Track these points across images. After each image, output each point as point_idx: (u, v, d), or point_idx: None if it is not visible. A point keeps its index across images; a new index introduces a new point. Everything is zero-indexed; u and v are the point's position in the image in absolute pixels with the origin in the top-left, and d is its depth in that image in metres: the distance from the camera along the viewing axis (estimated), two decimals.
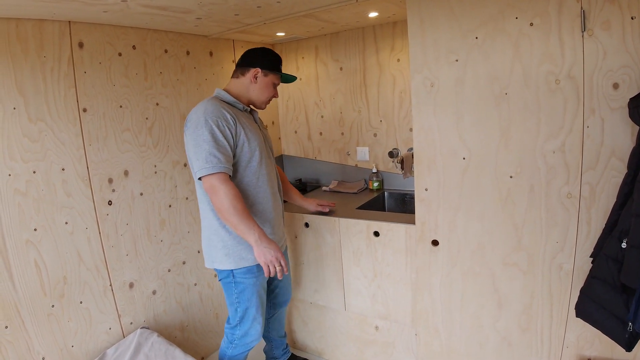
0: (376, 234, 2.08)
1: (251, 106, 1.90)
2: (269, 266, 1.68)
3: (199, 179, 1.65)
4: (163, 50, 2.22)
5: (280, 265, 1.70)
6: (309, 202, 2.28)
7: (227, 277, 1.83)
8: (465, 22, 1.60)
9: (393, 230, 2.02)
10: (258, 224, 1.71)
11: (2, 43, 1.63)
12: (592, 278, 1.40)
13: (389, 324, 2.17)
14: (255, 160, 1.77)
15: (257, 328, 1.89)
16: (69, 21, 1.82)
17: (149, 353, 1.95)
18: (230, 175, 1.66)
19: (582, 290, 1.46)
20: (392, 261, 2.07)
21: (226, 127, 1.65)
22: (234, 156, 1.71)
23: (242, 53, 1.90)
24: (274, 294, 2.14)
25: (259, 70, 1.81)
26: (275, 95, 1.91)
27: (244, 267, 1.79)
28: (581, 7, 1.39)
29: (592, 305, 1.40)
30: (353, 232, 2.15)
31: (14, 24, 1.66)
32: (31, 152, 1.73)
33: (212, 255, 1.82)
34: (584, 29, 1.40)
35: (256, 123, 1.88)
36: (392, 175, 2.71)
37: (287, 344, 2.36)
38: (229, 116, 1.68)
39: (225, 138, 1.65)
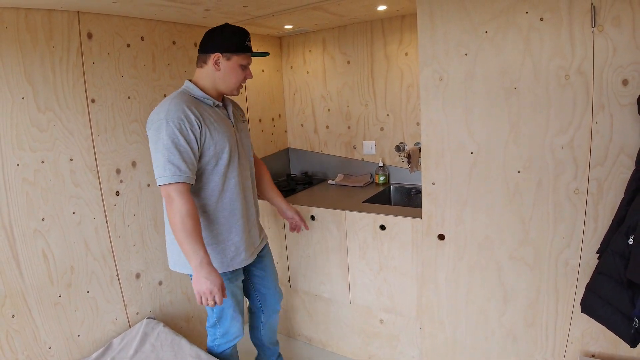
0: (382, 227, 2.09)
1: (225, 96, 1.77)
2: (201, 296, 1.54)
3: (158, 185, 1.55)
4: (171, 41, 2.22)
5: (214, 300, 1.54)
6: (289, 209, 2.11)
7: None
8: (476, 15, 1.60)
9: (399, 224, 2.03)
10: (217, 237, 1.67)
11: (11, 33, 1.63)
12: (598, 274, 1.41)
13: (394, 317, 2.19)
14: (222, 164, 1.64)
15: (238, 326, 1.84)
16: (78, 11, 1.82)
17: (155, 343, 1.96)
18: (191, 185, 1.55)
19: (587, 286, 1.46)
20: (397, 255, 2.08)
21: (189, 131, 1.52)
22: (200, 159, 1.59)
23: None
24: (262, 298, 2.04)
25: (219, 55, 1.62)
26: (247, 76, 1.71)
27: None
28: (592, 3, 1.38)
29: (597, 301, 1.40)
30: (359, 225, 2.15)
31: (23, 13, 1.65)
32: (40, 142, 1.74)
33: (174, 258, 1.76)
34: (594, 24, 1.40)
35: (229, 119, 1.74)
36: (399, 169, 2.72)
37: (279, 353, 2.24)
38: (193, 117, 1.53)
39: (188, 143, 1.52)
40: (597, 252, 1.48)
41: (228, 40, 1.62)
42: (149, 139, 1.57)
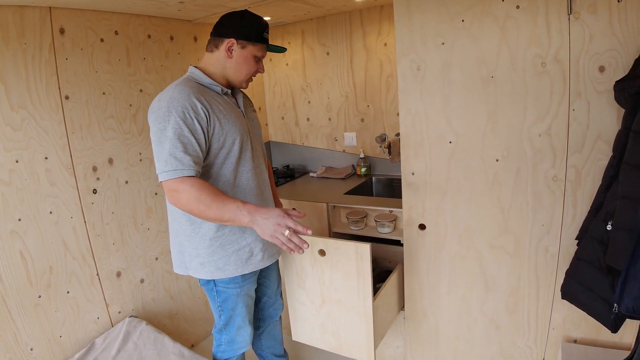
0: (322, 252, 1.74)
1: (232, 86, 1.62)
2: (279, 239, 1.32)
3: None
4: (146, 35, 2.18)
5: (293, 231, 1.32)
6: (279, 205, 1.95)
7: (207, 284, 1.62)
8: (452, 4, 1.58)
9: (340, 248, 1.68)
10: (230, 236, 1.52)
11: None
12: (578, 260, 1.42)
13: None
14: (233, 156, 1.49)
15: (245, 336, 1.71)
16: (50, 7, 1.77)
17: (138, 341, 1.95)
18: (196, 177, 1.38)
19: (567, 272, 1.47)
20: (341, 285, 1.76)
21: (195, 120, 1.36)
22: (209, 152, 1.44)
23: None
24: (260, 305, 1.90)
25: (234, 41, 1.48)
26: (259, 70, 1.59)
27: (225, 278, 1.57)
28: None
29: (577, 287, 1.41)
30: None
31: None
32: (14, 141, 1.70)
33: (184, 262, 1.58)
34: (570, 11, 1.39)
35: (239, 108, 1.59)
36: (380, 160, 2.71)
37: None
38: (199, 105, 1.38)
39: (193, 133, 1.36)
40: (576, 239, 1.49)
41: (246, 27, 1.48)
42: (150, 129, 1.41)
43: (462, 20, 1.58)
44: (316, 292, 1.80)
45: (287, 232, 1.32)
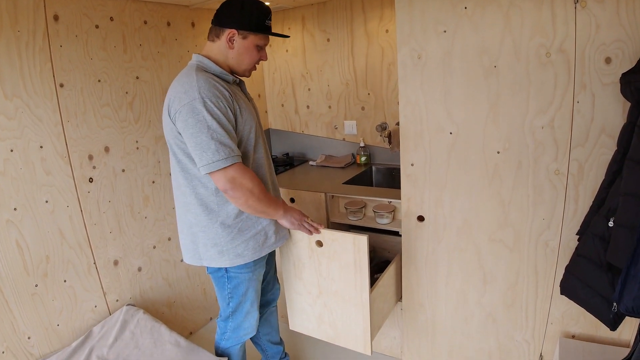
0: (319, 243, 1.73)
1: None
2: (304, 227, 1.63)
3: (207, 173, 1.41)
4: (142, 21, 2.13)
5: (309, 222, 1.64)
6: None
7: (218, 271, 1.63)
8: None
9: (338, 240, 1.67)
10: (247, 220, 1.57)
11: None
12: (578, 256, 1.40)
13: None
14: (250, 144, 1.52)
15: (252, 322, 1.73)
16: None
17: (135, 330, 1.95)
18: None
19: (567, 268, 1.45)
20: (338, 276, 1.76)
21: (228, 108, 1.38)
22: None
23: None
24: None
25: (235, 31, 1.47)
26: (262, 58, 1.58)
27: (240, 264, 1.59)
28: None
29: (577, 284, 1.39)
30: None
31: None
32: (8, 130, 1.68)
33: (199, 253, 1.58)
34: (576, 0, 1.35)
35: (246, 96, 1.61)
36: (380, 149, 2.68)
37: (285, 353, 2.10)
38: (227, 94, 1.40)
39: (229, 121, 1.39)
40: (577, 234, 1.47)
41: (247, 16, 1.46)
42: (181, 123, 1.38)
43: (465, 7, 1.53)
44: (313, 283, 1.80)
45: (307, 221, 1.64)
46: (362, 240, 1.59)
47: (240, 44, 1.49)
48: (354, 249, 1.63)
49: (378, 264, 2.13)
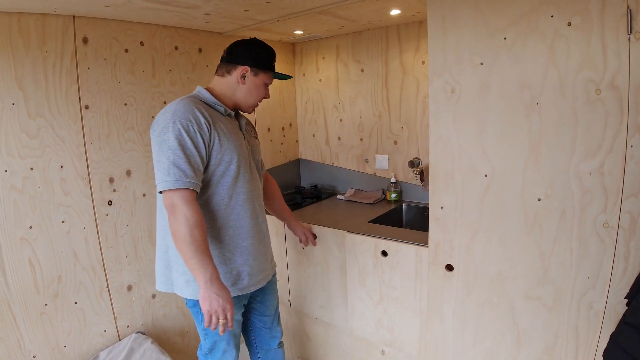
0: (384, 253, 1.90)
1: (238, 110, 1.65)
2: (211, 316, 1.36)
3: (160, 192, 1.39)
4: (173, 47, 2.14)
5: (225, 319, 1.37)
6: (298, 227, 2.00)
7: (194, 306, 1.56)
8: (493, 20, 1.41)
9: (402, 250, 1.84)
10: (218, 257, 1.49)
11: (3, 37, 1.59)
12: (625, 324, 1.19)
13: (395, 352, 1.99)
14: (229, 176, 1.49)
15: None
16: (74, 16, 1.76)
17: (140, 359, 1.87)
18: (197, 192, 1.39)
19: (612, 336, 1.24)
20: (399, 285, 1.88)
21: (197, 133, 1.38)
22: (206, 168, 1.44)
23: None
24: (256, 332, 1.83)
25: (248, 69, 1.54)
26: (266, 95, 1.64)
27: None
28: (627, 6, 1.18)
29: (622, 355, 1.19)
30: (360, 249, 1.98)
31: (15, 18, 1.62)
32: (29, 149, 1.69)
33: (170, 279, 1.55)
34: (630, 31, 1.19)
35: (241, 131, 1.60)
36: (412, 186, 2.52)
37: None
38: (202, 120, 1.40)
39: (196, 146, 1.37)
40: (625, 297, 1.27)
41: (259, 55, 1.56)
42: (152, 141, 1.41)
43: (504, 38, 1.40)
44: (375, 289, 1.97)
45: (221, 319, 1.36)
46: (424, 251, 1.75)
47: (251, 80, 1.57)
48: (415, 258, 1.78)
49: None
